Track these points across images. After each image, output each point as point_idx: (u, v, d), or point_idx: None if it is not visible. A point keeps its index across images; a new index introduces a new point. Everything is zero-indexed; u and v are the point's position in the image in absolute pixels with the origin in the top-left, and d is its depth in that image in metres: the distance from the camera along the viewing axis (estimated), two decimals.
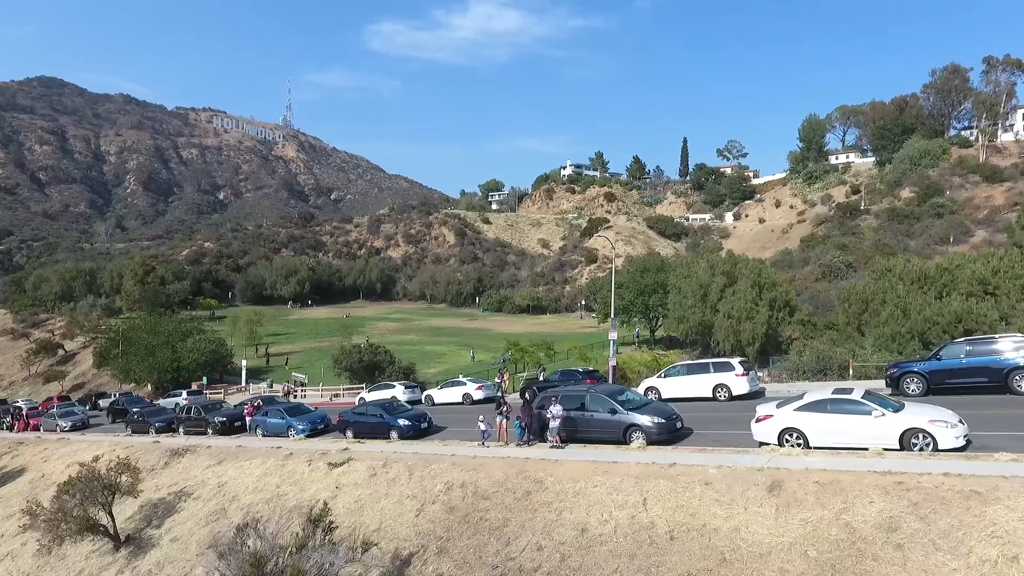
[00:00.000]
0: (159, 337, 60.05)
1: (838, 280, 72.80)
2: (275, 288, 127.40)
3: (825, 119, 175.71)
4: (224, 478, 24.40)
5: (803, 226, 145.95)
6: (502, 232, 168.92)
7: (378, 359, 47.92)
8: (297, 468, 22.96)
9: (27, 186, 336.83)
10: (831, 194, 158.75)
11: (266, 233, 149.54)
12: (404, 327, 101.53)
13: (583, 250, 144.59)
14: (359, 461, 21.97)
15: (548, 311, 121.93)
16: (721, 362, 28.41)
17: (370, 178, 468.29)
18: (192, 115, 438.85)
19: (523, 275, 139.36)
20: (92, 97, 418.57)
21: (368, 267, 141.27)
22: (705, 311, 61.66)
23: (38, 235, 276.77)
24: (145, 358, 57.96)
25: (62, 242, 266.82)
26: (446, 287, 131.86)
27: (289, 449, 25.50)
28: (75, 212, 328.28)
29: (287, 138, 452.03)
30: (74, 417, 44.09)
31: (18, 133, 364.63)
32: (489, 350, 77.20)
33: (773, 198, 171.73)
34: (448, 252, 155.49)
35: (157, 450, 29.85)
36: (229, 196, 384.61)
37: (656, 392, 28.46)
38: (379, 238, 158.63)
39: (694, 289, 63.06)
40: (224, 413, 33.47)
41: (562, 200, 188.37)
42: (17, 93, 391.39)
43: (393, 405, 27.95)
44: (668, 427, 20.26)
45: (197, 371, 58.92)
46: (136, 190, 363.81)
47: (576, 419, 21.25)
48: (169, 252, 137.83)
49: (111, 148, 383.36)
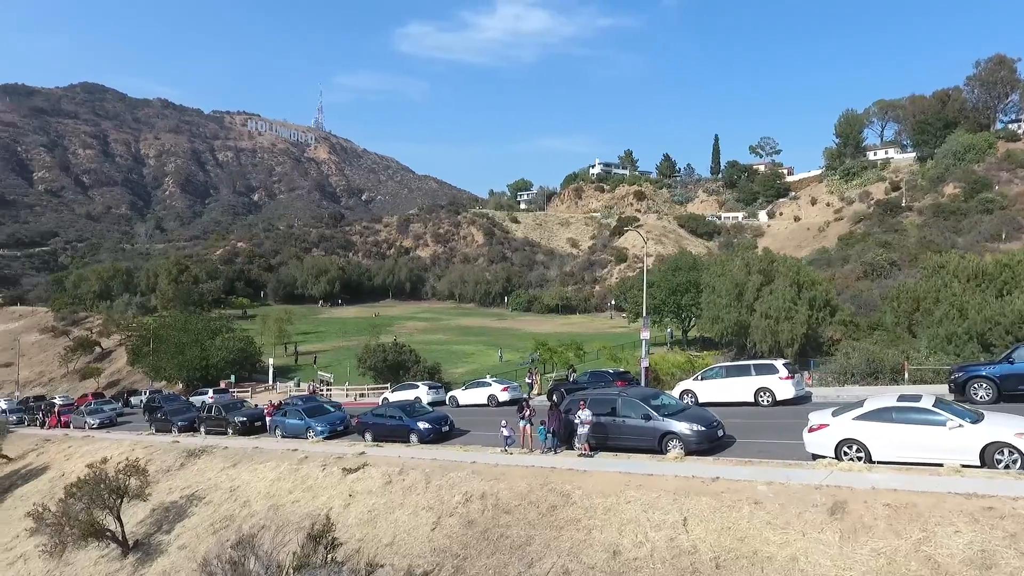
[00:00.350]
0: (189, 335, 59.84)
1: (881, 279, 69.50)
2: (306, 287, 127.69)
3: (863, 114, 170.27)
4: (237, 482, 23.22)
5: (840, 224, 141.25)
6: (531, 231, 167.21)
7: (403, 358, 46.69)
8: (311, 473, 21.64)
9: (71, 189, 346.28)
10: (869, 191, 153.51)
11: (297, 233, 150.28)
12: (432, 326, 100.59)
13: (612, 249, 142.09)
14: (375, 467, 20.54)
15: (577, 311, 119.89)
16: (764, 364, 26.25)
17: (400, 179, 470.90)
18: (227, 118, 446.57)
19: (552, 275, 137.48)
20: (132, 102, 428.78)
21: (397, 267, 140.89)
22: (741, 311, 59.17)
23: (82, 236, 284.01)
24: (175, 356, 57.79)
25: (104, 243, 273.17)
26: (474, 287, 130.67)
27: (305, 452, 24.22)
28: (116, 214, 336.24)
29: (319, 140, 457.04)
30: (102, 415, 43.75)
31: (63, 138, 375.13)
32: (517, 350, 75.62)
33: (808, 195, 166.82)
34: (476, 252, 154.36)
35: (175, 450, 28.93)
36: (263, 197, 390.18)
37: (692, 396, 26.52)
38: (408, 238, 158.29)
39: (729, 288, 60.58)
40: (244, 413, 32.46)
41: (591, 199, 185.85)
42: (62, 99, 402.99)
43: (414, 407, 26.48)
44: (709, 435, 18.37)
45: (226, 369, 58.52)
46: (174, 192, 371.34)
47: (607, 425, 19.49)
48: (203, 252, 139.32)
49: (150, 151, 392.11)
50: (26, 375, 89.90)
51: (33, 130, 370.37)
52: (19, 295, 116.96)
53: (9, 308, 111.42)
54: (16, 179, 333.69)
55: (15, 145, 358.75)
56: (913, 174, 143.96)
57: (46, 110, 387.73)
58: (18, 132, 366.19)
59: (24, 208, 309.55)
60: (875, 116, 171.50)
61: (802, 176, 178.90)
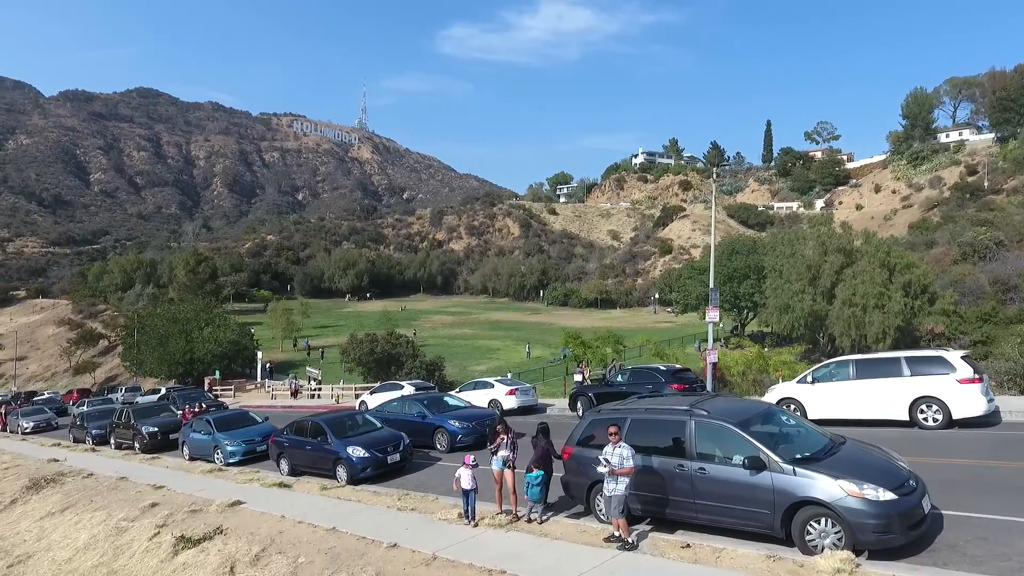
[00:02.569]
0: (176, 325, 51.86)
1: (985, 262, 56.97)
2: (333, 281, 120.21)
3: (932, 93, 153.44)
4: (45, 542, 13.93)
5: (910, 212, 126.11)
6: (569, 223, 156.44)
7: (397, 351, 37.13)
8: (134, 540, 12.13)
9: (125, 189, 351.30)
10: (941, 176, 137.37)
11: (328, 226, 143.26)
12: (461, 320, 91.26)
13: (656, 240, 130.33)
14: (232, 537, 10.92)
15: (618, 305, 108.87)
16: (927, 356, 15.37)
17: (441, 178, 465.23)
18: (274, 120, 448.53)
19: (591, 267, 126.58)
20: (184, 106, 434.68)
21: (429, 260, 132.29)
22: (816, 298, 47.79)
23: (131, 235, 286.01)
24: (156, 348, 49.87)
25: (152, 241, 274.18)
26: (508, 280, 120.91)
27: (168, 491, 14.77)
28: (167, 214, 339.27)
29: (362, 140, 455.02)
30: (38, 417, 35.68)
31: (119, 141, 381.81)
32: (548, 345, 65.51)
33: (871, 183, 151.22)
34: (512, 244, 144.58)
35: (32, 474, 19.91)
36: (307, 197, 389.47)
37: (798, 407, 16.14)
38: (441, 230, 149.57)
39: (800, 271, 49.20)
40: (156, 422, 23.44)
41: (633, 190, 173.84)
42: (119, 104, 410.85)
43: (352, 422, 16.62)
44: (903, 511, 7.99)
45: (214, 363, 50.27)
46: (222, 192, 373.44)
47: (665, 476, 9.30)
48: (232, 245, 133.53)
49: (200, 153, 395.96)
50: (34, 369, 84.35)
51: (91, 134, 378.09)
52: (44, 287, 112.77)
53: (32, 301, 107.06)
54: (74, 181, 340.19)
55: (74, 148, 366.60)
56: (993, 156, 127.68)
57: (104, 115, 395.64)
58: (77, 136, 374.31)
59: (80, 208, 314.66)
60: (947, 95, 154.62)
61: (864, 162, 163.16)
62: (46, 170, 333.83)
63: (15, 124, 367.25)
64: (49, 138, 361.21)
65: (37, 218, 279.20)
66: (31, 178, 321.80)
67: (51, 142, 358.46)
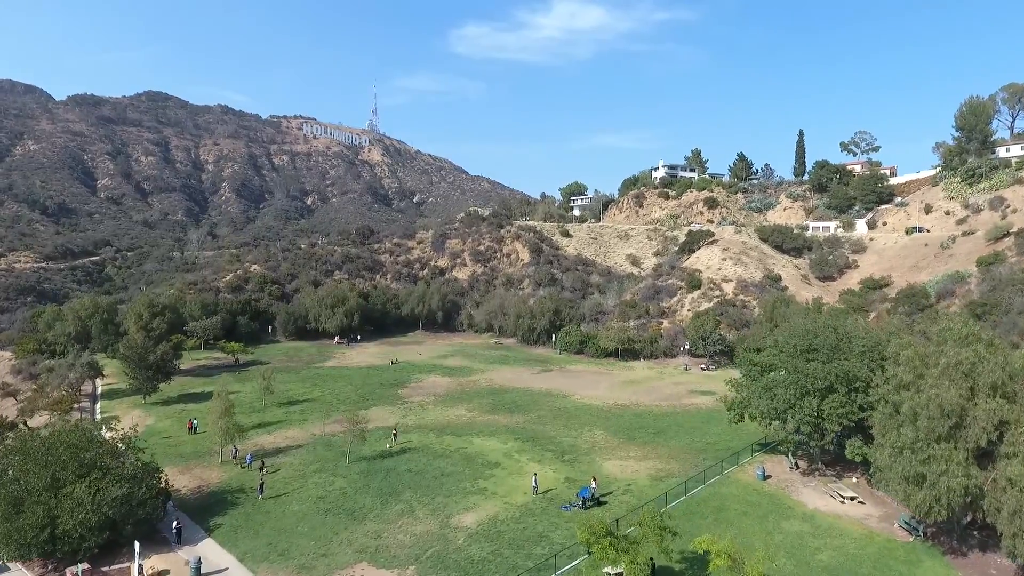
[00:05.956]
0: (37, 475, 36.20)
1: None
2: (319, 321, 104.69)
3: (987, 101, 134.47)
4: None
5: (971, 240, 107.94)
6: (584, 247, 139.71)
7: None
8: None
9: (132, 196, 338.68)
10: (1003, 196, 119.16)
11: (320, 253, 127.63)
12: (457, 388, 75.15)
13: (682, 272, 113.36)
14: None
15: (642, 355, 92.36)
16: None
17: (452, 180, 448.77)
18: (284, 123, 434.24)
19: (609, 303, 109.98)
20: (193, 109, 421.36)
21: (429, 293, 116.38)
22: (968, 468, 31.30)
23: (134, 244, 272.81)
24: (5, 519, 34.22)
25: (154, 251, 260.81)
26: (516, 320, 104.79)
27: None
28: (172, 220, 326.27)
29: (372, 142, 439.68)
30: None
31: (127, 146, 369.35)
32: (563, 459, 49.39)
33: (920, 201, 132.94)
34: (521, 272, 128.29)
35: None
36: (316, 201, 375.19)
37: None
38: (444, 256, 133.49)
39: (932, 412, 32.87)
40: None
41: (654, 207, 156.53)
42: (127, 108, 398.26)
43: None
44: None
45: (90, 539, 34.59)
46: (230, 197, 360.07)
47: None
48: (212, 278, 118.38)
49: (209, 157, 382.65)
50: None
51: (99, 139, 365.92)
52: None
53: None
54: (80, 187, 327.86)
55: (82, 154, 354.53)
56: None
57: (112, 119, 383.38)
58: (85, 141, 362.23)
59: (84, 216, 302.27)
60: (1004, 103, 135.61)
61: (909, 177, 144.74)
62: (52, 177, 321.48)
63: (23, 129, 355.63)
64: (56, 144, 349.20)
65: (39, 227, 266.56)
66: (36, 185, 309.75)
67: (58, 148, 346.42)
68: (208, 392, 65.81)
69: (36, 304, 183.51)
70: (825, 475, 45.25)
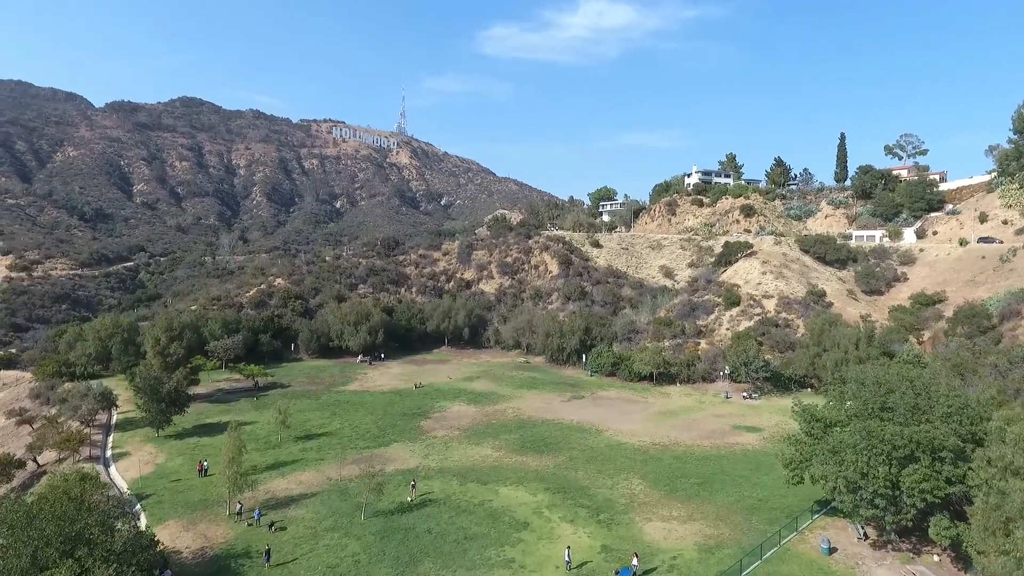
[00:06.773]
0: (17, 555, 32.29)
1: None
2: (342, 338, 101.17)
3: None
4: None
5: None
6: (615, 258, 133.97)
7: None
8: None
9: (166, 200, 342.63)
10: None
11: (344, 266, 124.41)
12: (482, 419, 70.48)
13: (719, 286, 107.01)
14: None
15: (678, 379, 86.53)
16: None
17: (480, 182, 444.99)
18: (314, 126, 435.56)
19: (642, 320, 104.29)
20: (226, 114, 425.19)
21: (455, 308, 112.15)
22: None
23: (168, 250, 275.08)
24: None
25: (186, 256, 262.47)
26: (545, 339, 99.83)
27: None
28: (205, 225, 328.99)
29: (401, 145, 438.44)
30: None
31: (161, 151, 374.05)
32: (598, 518, 44.26)
33: (974, 209, 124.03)
34: (550, 285, 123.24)
35: None
36: (345, 205, 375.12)
37: None
38: (470, 268, 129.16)
39: None
40: None
41: (687, 215, 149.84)
42: (162, 114, 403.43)
43: None
44: None
45: None
46: (261, 201, 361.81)
47: None
48: (236, 292, 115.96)
49: (241, 161, 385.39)
50: None
51: (135, 144, 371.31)
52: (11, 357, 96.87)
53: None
54: (116, 193, 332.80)
55: (118, 160, 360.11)
56: None
57: (148, 125, 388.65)
58: (122, 147, 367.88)
59: (120, 221, 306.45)
60: None
61: (961, 183, 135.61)
62: (90, 183, 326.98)
63: (63, 136, 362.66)
64: (95, 150, 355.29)
65: (76, 233, 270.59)
66: (75, 191, 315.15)
67: (96, 154, 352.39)
68: (224, 423, 62.22)
69: (71, 312, 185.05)
70: (900, 549, 39.35)
